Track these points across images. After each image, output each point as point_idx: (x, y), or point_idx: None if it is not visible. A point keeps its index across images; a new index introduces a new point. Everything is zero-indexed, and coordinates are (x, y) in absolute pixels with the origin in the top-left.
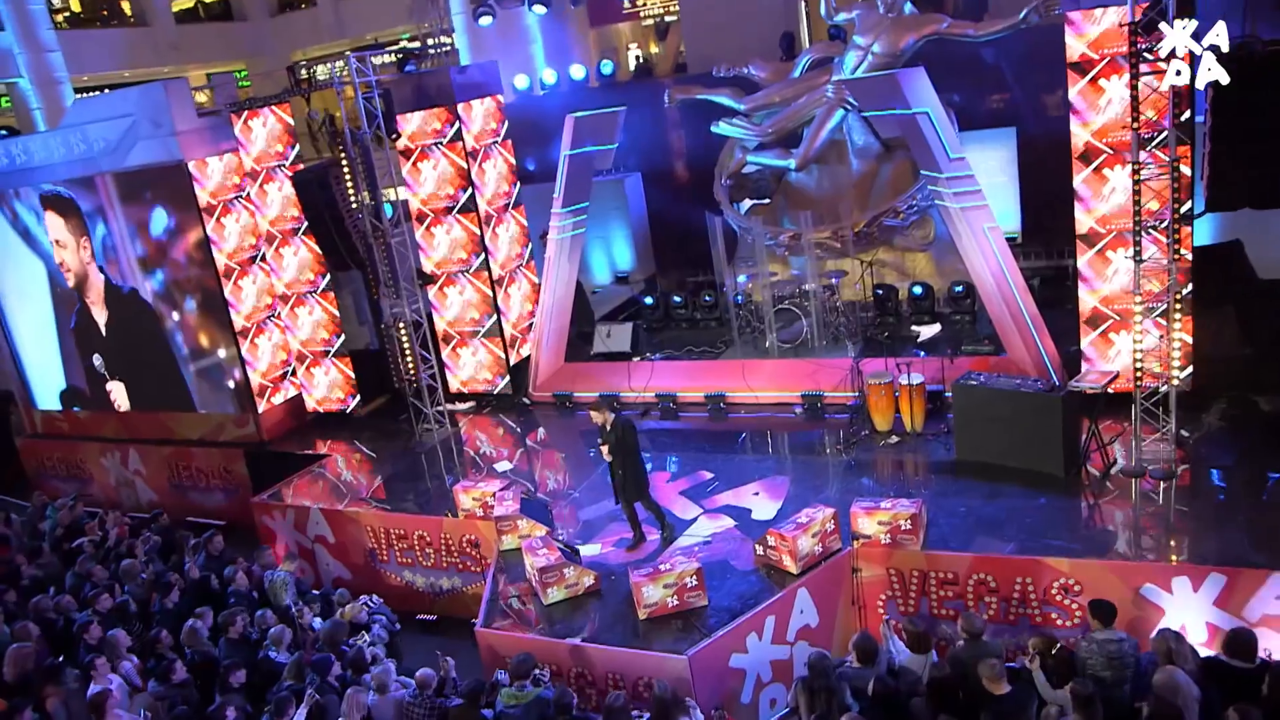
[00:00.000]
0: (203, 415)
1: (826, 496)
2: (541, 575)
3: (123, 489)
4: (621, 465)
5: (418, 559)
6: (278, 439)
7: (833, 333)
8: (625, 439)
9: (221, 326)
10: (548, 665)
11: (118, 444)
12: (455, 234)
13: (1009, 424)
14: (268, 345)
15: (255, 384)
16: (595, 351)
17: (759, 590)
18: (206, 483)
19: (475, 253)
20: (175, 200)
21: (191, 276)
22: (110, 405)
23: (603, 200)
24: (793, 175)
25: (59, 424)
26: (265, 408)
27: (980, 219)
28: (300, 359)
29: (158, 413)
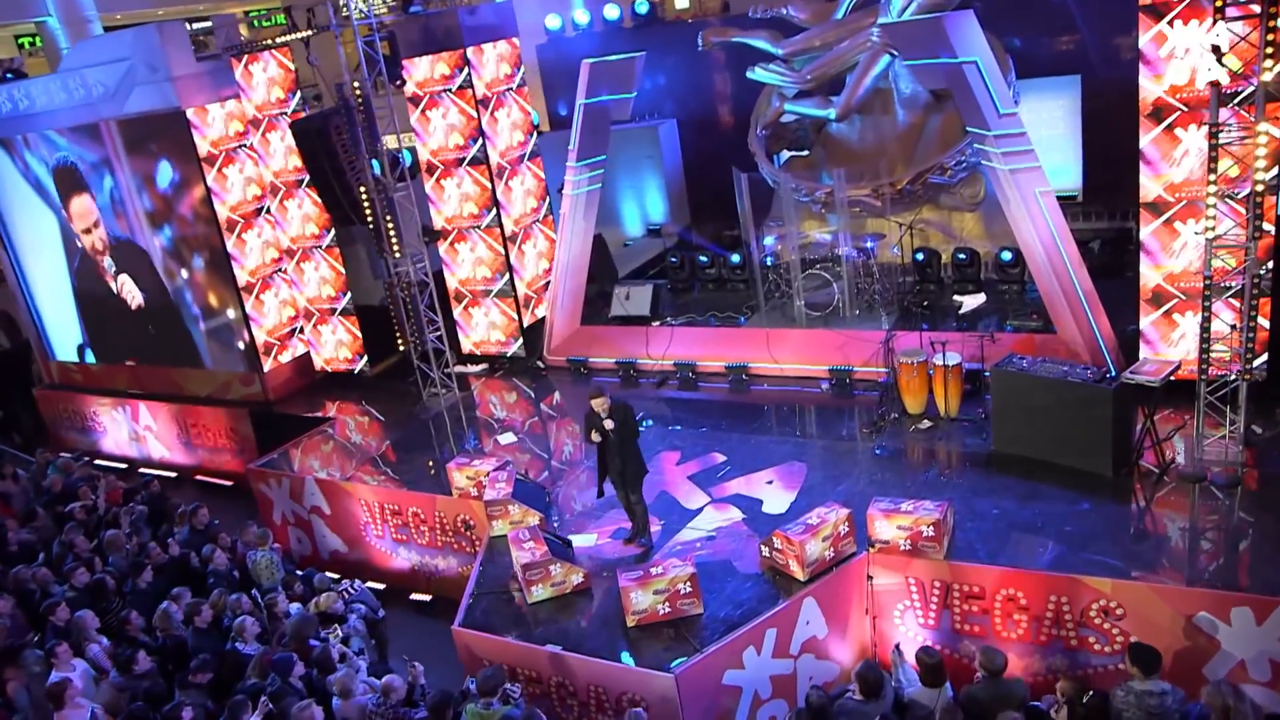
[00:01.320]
0: (210, 372)
1: (846, 490)
2: (525, 572)
3: (134, 443)
4: (621, 454)
5: (412, 536)
6: (284, 399)
7: (866, 301)
8: (628, 424)
9: (225, 284)
10: (528, 671)
11: (128, 398)
12: (466, 187)
13: (1053, 416)
14: (274, 302)
15: (261, 342)
16: (613, 314)
17: (762, 598)
18: (215, 441)
19: (486, 207)
20: (176, 151)
21: (198, 233)
22: (121, 358)
23: (635, 148)
24: (833, 126)
25: (74, 375)
26: (272, 366)
27: (1032, 182)
28: (307, 316)
29: (167, 368)
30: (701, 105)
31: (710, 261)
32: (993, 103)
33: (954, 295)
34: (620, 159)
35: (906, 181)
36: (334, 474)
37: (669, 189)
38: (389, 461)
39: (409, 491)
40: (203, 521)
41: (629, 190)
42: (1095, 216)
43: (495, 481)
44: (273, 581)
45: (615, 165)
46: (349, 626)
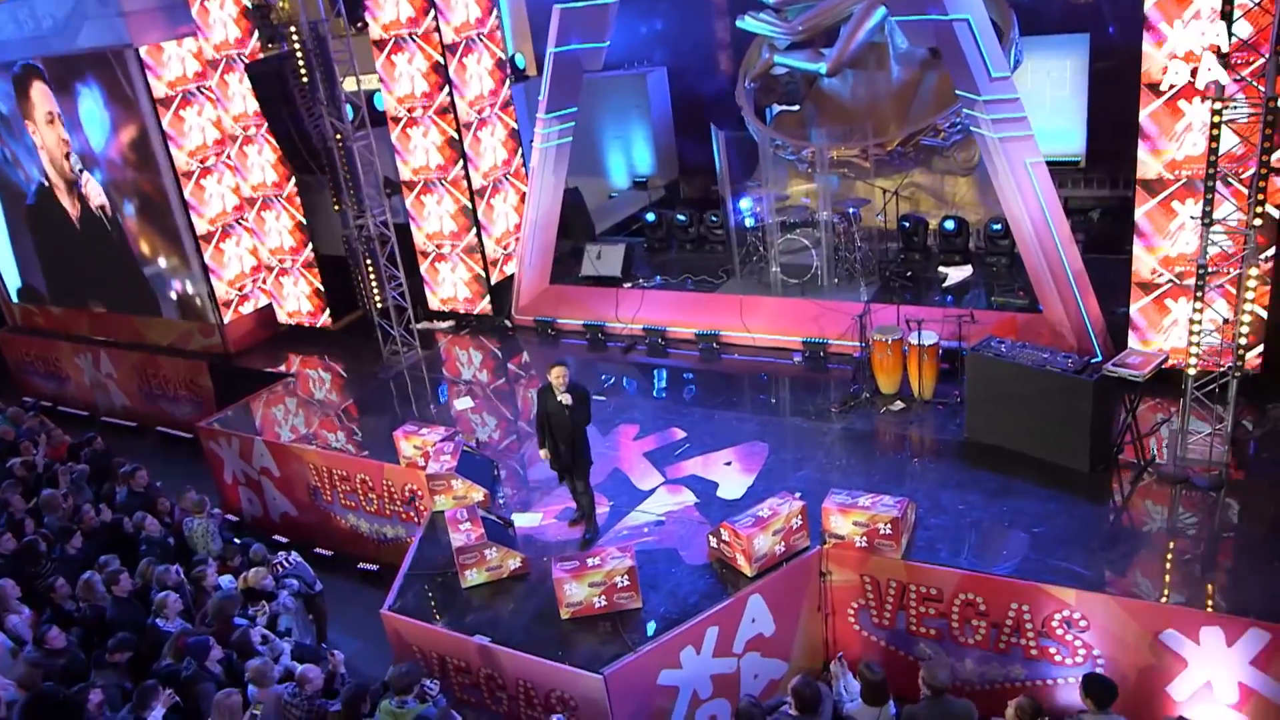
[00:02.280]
0: (170, 322)
1: (806, 476)
2: (459, 556)
3: (97, 391)
4: (571, 440)
5: (360, 503)
6: (246, 351)
7: (846, 269)
8: (581, 409)
9: (167, 232)
10: (457, 660)
11: (90, 345)
12: (433, 137)
13: (1029, 406)
14: (235, 251)
15: (221, 293)
16: (584, 274)
17: (706, 593)
18: (174, 393)
19: (454, 159)
20: (119, 91)
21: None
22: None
23: (622, 97)
24: (824, 81)
25: (35, 318)
26: (233, 318)
27: (1022, 151)
28: (269, 268)
29: (129, 315)
30: (694, 53)
31: (689, 220)
32: (984, 65)
33: (939, 266)
34: (606, 108)
35: (898, 143)
36: (287, 434)
37: (656, 140)
38: (345, 423)
39: (356, 458)
40: (141, 484)
41: (615, 141)
42: (1098, 184)
43: (441, 453)
44: (208, 552)
45: (601, 114)
46: (278, 604)
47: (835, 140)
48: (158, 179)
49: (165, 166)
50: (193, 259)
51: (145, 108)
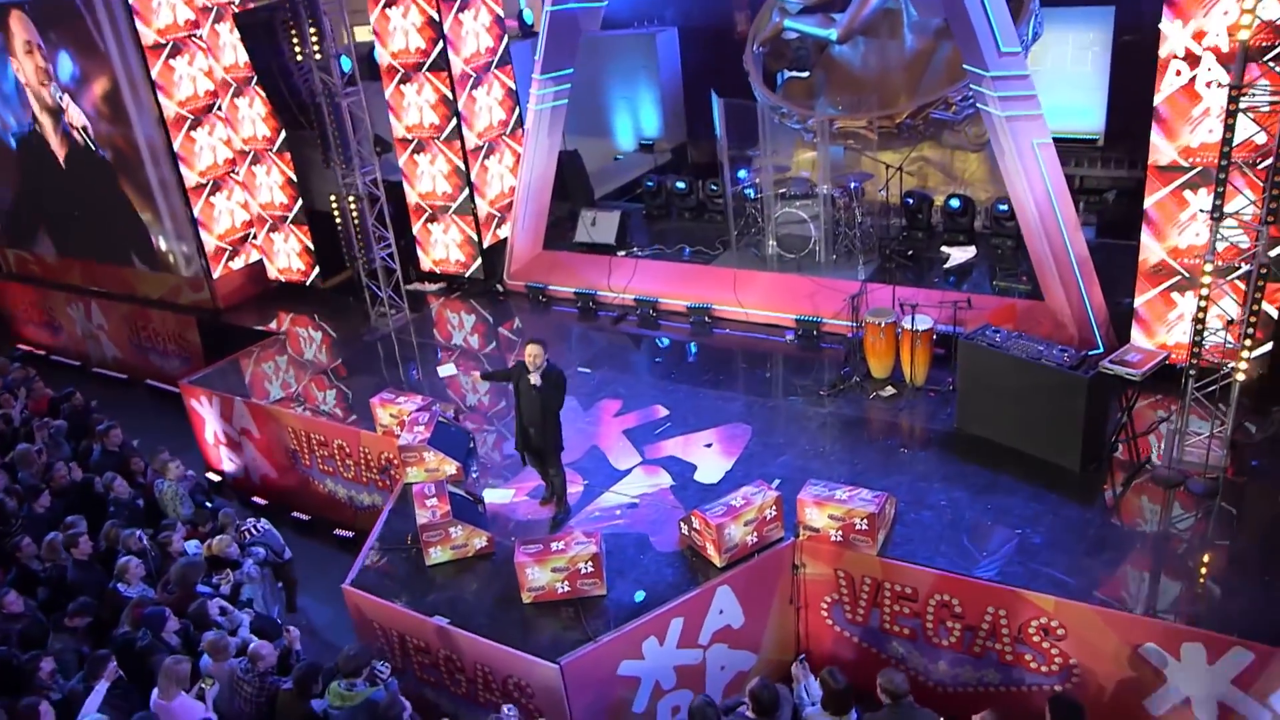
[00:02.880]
0: (161, 276)
1: (786, 462)
2: (423, 533)
3: (89, 341)
4: (541, 423)
5: (338, 469)
6: (235, 307)
7: (845, 246)
8: (553, 393)
9: (140, 187)
10: (417, 640)
11: (82, 295)
12: (426, 95)
13: (1022, 400)
14: (225, 205)
15: (211, 247)
16: (577, 239)
17: (673, 582)
18: (164, 347)
19: (448, 117)
20: (80, 40)
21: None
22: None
23: (630, 56)
24: (835, 48)
25: (31, 266)
26: (223, 273)
27: (1030, 132)
28: (260, 223)
29: (120, 267)
30: (706, 14)
31: (689, 188)
32: (994, 39)
33: (942, 246)
34: (613, 67)
35: (907, 115)
36: (270, 394)
37: (664, 102)
38: (328, 385)
39: (333, 423)
40: (115, 442)
41: (621, 101)
42: (1115, 164)
43: (415, 423)
44: (177, 515)
45: (608, 74)
46: (242, 573)
47: (841, 110)
48: (130, 133)
49: (153, 117)
50: (165, 215)
51: (131, 55)
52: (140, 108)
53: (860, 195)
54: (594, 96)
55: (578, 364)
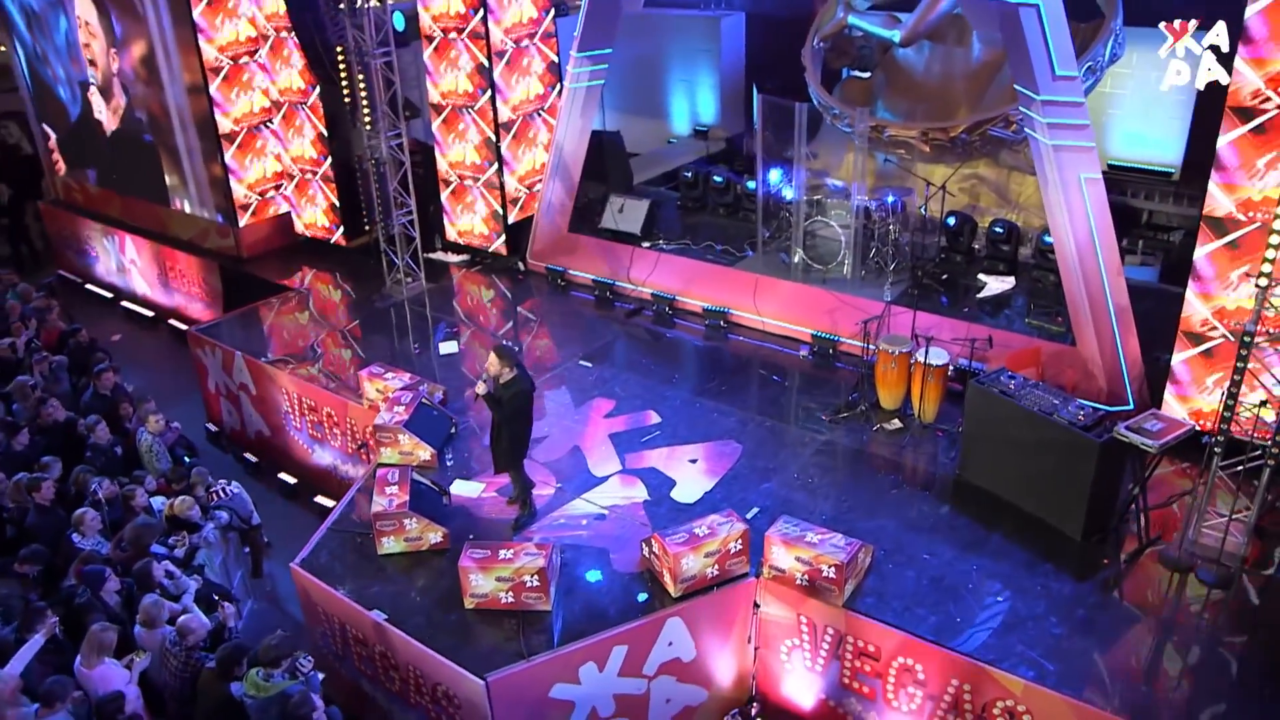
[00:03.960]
0: (192, 217)
1: (770, 490)
2: (376, 521)
3: (122, 275)
4: (505, 433)
5: (326, 436)
6: (258, 258)
7: (877, 263)
8: (517, 405)
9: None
10: (356, 631)
11: (118, 228)
12: (463, 62)
13: (1028, 455)
14: (257, 155)
15: (239, 195)
16: (603, 225)
17: (625, 605)
18: (188, 289)
19: (482, 87)
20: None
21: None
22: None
23: (692, 39)
24: (899, 51)
25: (75, 195)
26: (249, 222)
27: (1077, 164)
28: (289, 176)
29: (155, 204)
30: (778, 2)
31: (726, 184)
32: (1048, 61)
33: (980, 274)
34: (675, 48)
35: (963, 129)
36: (271, 351)
37: (724, 89)
38: (329, 349)
39: (324, 391)
40: (106, 386)
41: (680, 84)
42: (1189, 202)
43: (396, 402)
44: (152, 469)
45: (669, 54)
46: (199, 537)
47: (895, 117)
48: (162, 96)
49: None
50: (190, 181)
51: (164, 12)
52: (172, 72)
53: (899, 210)
54: (652, 76)
55: (580, 356)
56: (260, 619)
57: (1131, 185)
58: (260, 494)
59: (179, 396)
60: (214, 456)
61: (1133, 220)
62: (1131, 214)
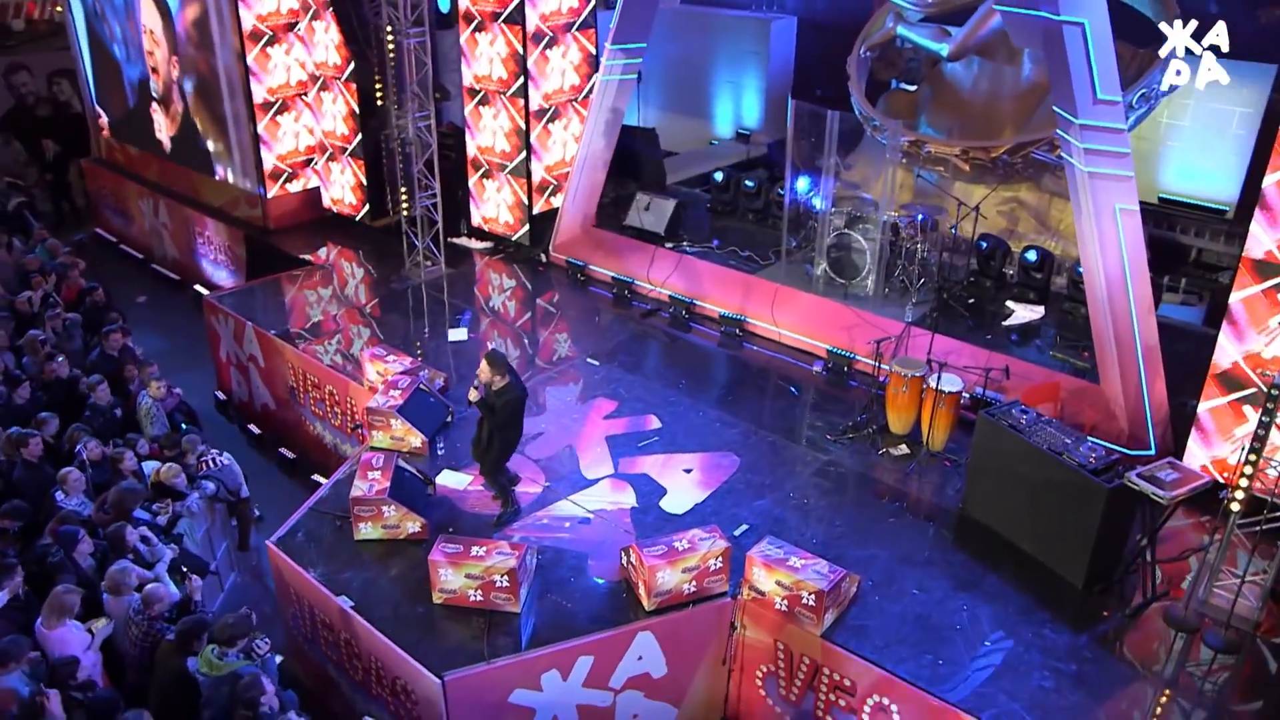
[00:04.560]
0: (224, 184)
1: (764, 507)
2: (354, 506)
3: (153, 238)
4: (496, 441)
5: (327, 414)
6: (284, 230)
7: (902, 281)
8: (510, 412)
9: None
10: (324, 616)
11: (153, 191)
12: (499, 47)
13: (1034, 495)
14: (291, 126)
15: (269, 166)
16: (627, 223)
17: (596, 615)
18: (215, 256)
19: (516, 74)
20: None
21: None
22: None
23: (740, 40)
24: (946, 65)
25: (116, 154)
26: (278, 193)
27: (1113, 194)
28: (321, 150)
29: (190, 170)
30: (832, 9)
31: (757, 188)
32: (1090, 82)
33: (1008, 301)
34: (723, 48)
35: (1005, 150)
36: (282, 324)
37: (770, 93)
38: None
39: (328, 369)
40: (114, 346)
41: (726, 85)
42: (1241, 241)
43: (394, 386)
44: (147, 433)
45: (716, 54)
46: (182, 505)
47: (938, 133)
48: (211, 58)
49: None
50: (234, 148)
51: None
52: (223, 35)
53: (929, 229)
54: (698, 75)
55: (589, 353)
56: (242, 593)
57: (1182, 221)
58: (260, 467)
59: (194, 362)
60: (219, 426)
61: (1180, 257)
62: (1179, 251)
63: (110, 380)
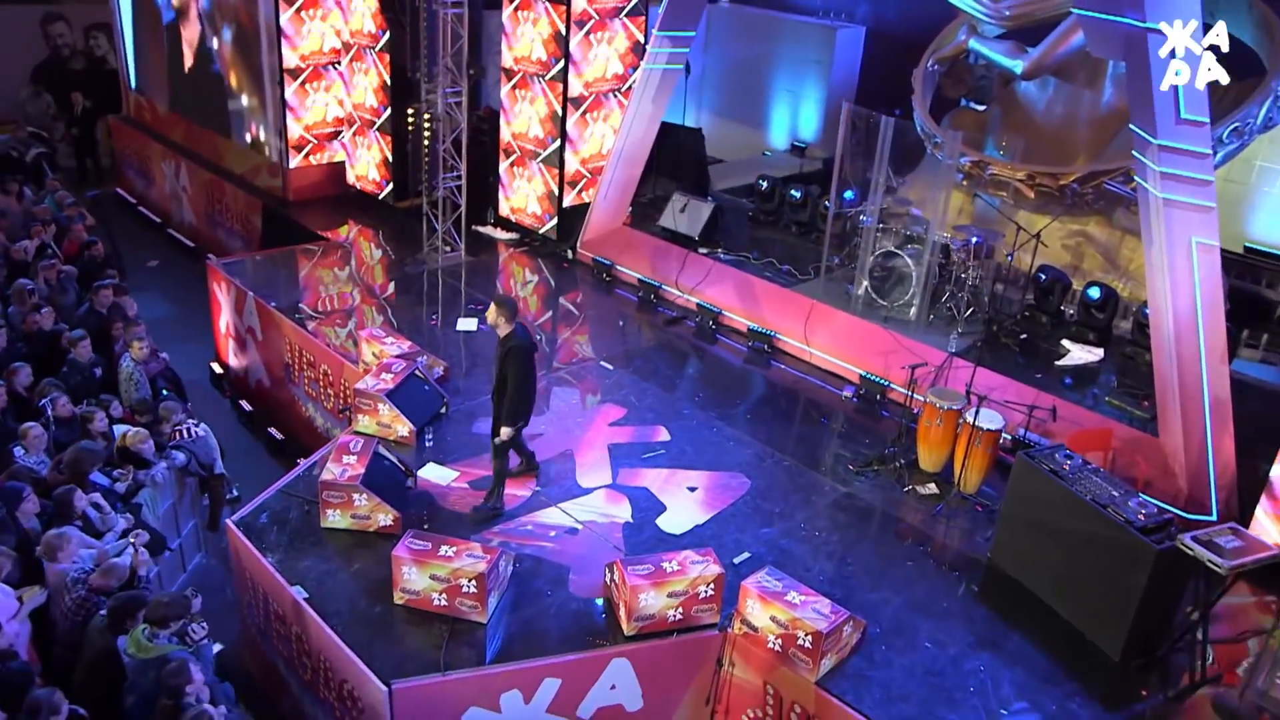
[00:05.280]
0: (246, 151)
1: (770, 535)
2: (323, 490)
3: (173, 201)
4: (496, 390)
5: (320, 395)
6: (304, 203)
7: (949, 309)
8: (515, 361)
9: (254, 71)
10: (278, 607)
11: (176, 153)
12: (541, 26)
13: (1072, 550)
14: (319, 96)
15: (294, 135)
16: (661, 223)
17: (569, 635)
18: (230, 224)
19: (556, 56)
20: None
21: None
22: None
23: (803, 48)
24: (1020, 84)
25: (144, 113)
26: (300, 164)
27: (1190, 226)
28: (349, 123)
29: (216, 135)
30: (904, 21)
31: (803, 199)
32: (1175, 100)
33: (1064, 339)
34: (784, 55)
35: (1075, 178)
36: (284, 300)
37: (830, 105)
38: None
39: (324, 348)
40: (103, 303)
41: (784, 94)
42: None
43: (386, 369)
44: (127, 397)
45: (777, 60)
46: (146, 474)
47: (1004, 155)
48: (253, 8)
49: None
50: (269, 104)
51: None
52: None
53: (983, 255)
54: (756, 81)
55: (605, 356)
56: (204, 576)
57: (1269, 274)
58: (247, 446)
59: (196, 332)
60: (212, 399)
61: (1263, 313)
62: (1263, 306)
63: (96, 338)
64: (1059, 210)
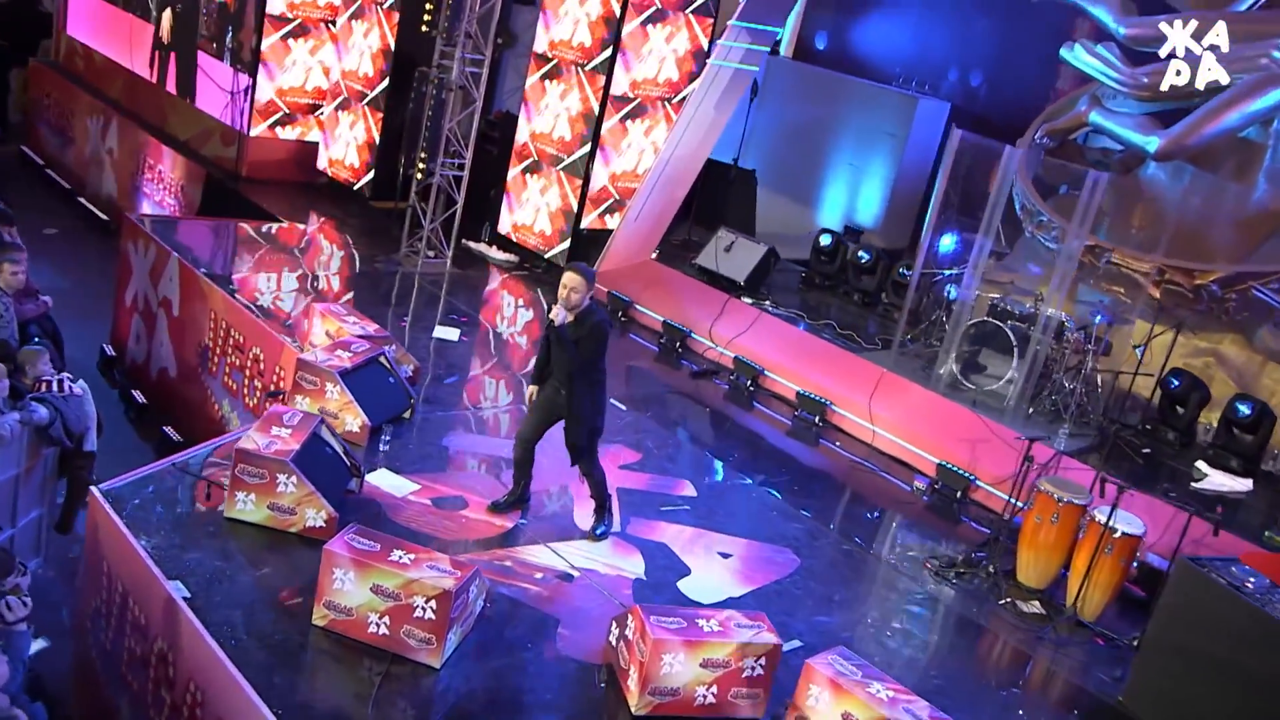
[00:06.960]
0: (200, 114)
1: (826, 624)
2: (239, 463)
3: (91, 167)
4: (578, 387)
5: (242, 389)
6: (259, 182)
7: (1055, 405)
8: (596, 342)
9: None
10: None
11: (107, 109)
12: (591, 5)
13: (1256, 691)
14: (303, 57)
15: (263, 99)
16: (699, 262)
17: (557, 702)
18: (161, 196)
19: (604, 43)
20: None
21: None
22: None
23: (876, 116)
24: (1149, 167)
25: (77, 61)
26: (264, 133)
27: None
28: (332, 96)
29: (163, 92)
30: (999, 101)
31: (872, 262)
32: None
33: (1198, 461)
34: (850, 123)
35: (1214, 279)
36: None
37: (898, 187)
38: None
39: (258, 321)
40: None
41: (845, 168)
42: None
43: (344, 347)
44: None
45: (842, 128)
46: None
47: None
48: None
49: None
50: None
51: None
52: None
53: (1103, 345)
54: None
55: (616, 395)
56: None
57: None
58: (132, 446)
59: (92, 311)
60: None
61: None
62: None
63: None
64: (1187, 316)
